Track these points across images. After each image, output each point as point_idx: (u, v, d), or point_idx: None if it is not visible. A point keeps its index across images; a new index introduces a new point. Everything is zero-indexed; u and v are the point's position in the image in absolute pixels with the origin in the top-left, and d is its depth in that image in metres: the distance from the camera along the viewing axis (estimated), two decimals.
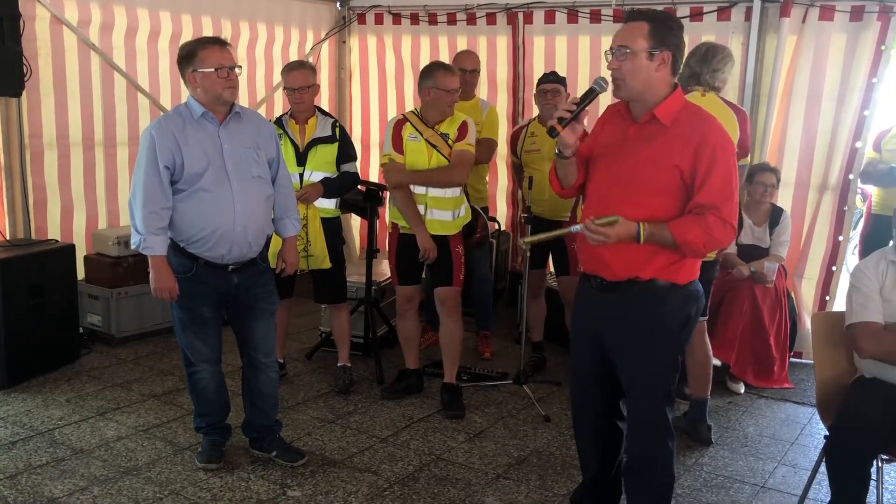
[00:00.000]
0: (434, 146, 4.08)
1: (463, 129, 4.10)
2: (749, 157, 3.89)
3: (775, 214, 4.80)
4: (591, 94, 2.62)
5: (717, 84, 3.86)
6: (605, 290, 2.73)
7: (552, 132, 2.64)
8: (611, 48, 2.60)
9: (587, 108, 2.65)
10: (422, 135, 4.08)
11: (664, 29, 2.55)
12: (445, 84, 4.03)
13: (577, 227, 2.62)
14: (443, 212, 4.12)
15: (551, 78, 4.63)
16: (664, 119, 2.58)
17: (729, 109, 3.81)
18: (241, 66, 3.29)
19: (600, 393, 2.89)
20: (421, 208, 4.11)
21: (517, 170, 4.93)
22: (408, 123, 4.13)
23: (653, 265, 2.63)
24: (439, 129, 4.10)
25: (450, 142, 4.08)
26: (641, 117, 2.64)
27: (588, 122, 3.65)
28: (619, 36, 2.58)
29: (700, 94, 3.79)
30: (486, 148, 4.93)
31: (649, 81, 2.57)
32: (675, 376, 2.77)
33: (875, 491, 2.93)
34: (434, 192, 4.10)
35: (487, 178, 5.29)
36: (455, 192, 4.15)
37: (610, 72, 2.62)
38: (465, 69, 4.97)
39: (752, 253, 4.75)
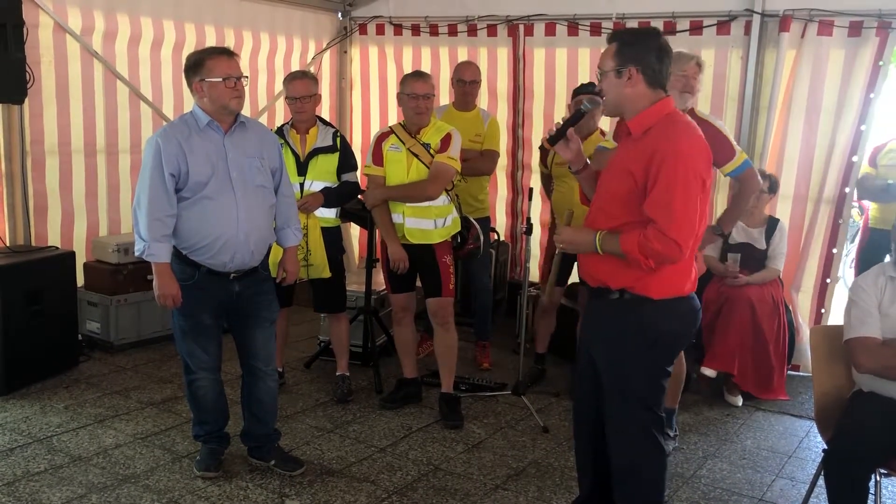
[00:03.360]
0: (415, 155, 4.07)
1: (446, 141, 4.07)
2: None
3: (771, 222, 4.82)
4: (577, 115, 2.79)
5: None
6: (590, 297, 2.85)
7: (541, 149, 2.79)
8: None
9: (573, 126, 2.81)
10: (404, 144, 4.09)
11: (627, 46, 2.64)
12: (411, 89, 4.05)
13: (557, 250, 2.89)
14: (421, 220, 4.10)
15: (590, 89, 4.58)
16: (634, 131, 2.68)
17: None
18: (247, 77, 3.32)
19: (595, 401, 2.91)
20: (399, 216, 4.11)
21: (546, 180, 4.90)
22: (392, 135, 4.14)
23: (621, 275, 2.68)
24: (421, 138, 4.10)
25: (432, 151, 4.07)
26: (623, 131, 2.77)
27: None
28: (599, 59, 2.74)
29: None
30: (490, 159, 4.94)
31: (621, 98, 2.67)
32: (656, 392, 2.76)
33: None
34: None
35: (488, 189, 5.31)
36: (438, 200, 4.11)
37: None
38: (464, 80, 4.98)
39: (746, 250, 4.75)
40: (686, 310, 2.75)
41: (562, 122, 2.74)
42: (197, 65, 3.21)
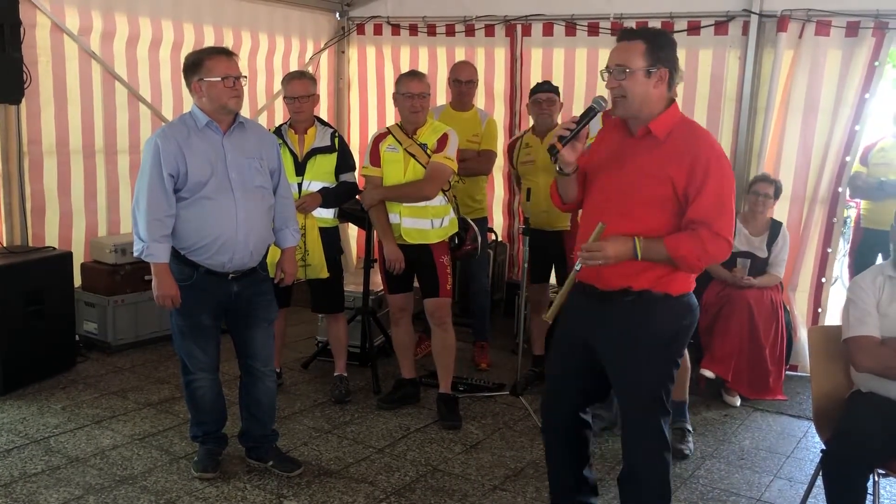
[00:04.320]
0: (412, 155, 4.07)
1: (442, 141, 4.07)
2: None
3: (774, 228, 4.81)
4: (590, 113, 2.67)
5: None
6: (599, 300, 2.75)
7: (552, 150, 2.68)
8: (607, 67, 2.64)
9: (588, 126, 2.70)
10: (401, 144, 4.09)
11: (660, 47, 2.60)
12: (406, 88, 4.06)
13: (577, 267, 2.66)
14: (418, 220, 4.10)
15: (545, 87, 4.64)
16: (659, 134, 2.63)
17: None
18: (246, 76, 3.32)
19: (570, 401, 2.93)
20: (396, 216, 4.11)
21: (516, 180, 4.95)
22: (389, 136, 4.15)
23: (646, 276, 2.65)
24: (418, 138, 4.09)
25: (429, 151, 4.06)
26: (637, 132, 2.69)
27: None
28: (615, 55, 2.63)
29: None
30: (487, 159, 4.94)
31: (647, 99, 2.61)
32: (670, 387, 2.77)
33: None
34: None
35: (486, 190, 5.31)
36: (435, 201, 4.10)
37: (608, 90, 2.67)
38: (461, 80, 4.99)
39: (748, 259, 4.75)
40: (692, 303, 2.77)
41: (574, 123, 2.66)
42: (195, 64, 3.21)
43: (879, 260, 5.19)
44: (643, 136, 2.67)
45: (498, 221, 6.24)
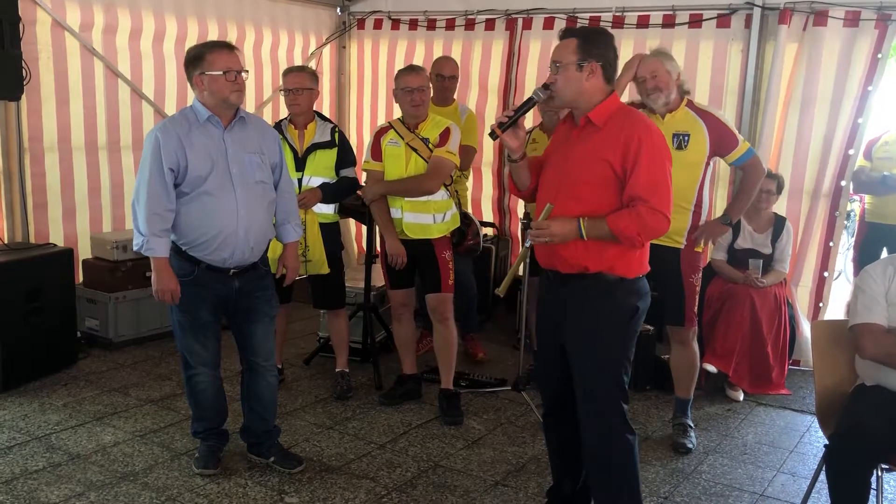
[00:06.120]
0: (414, 149, 4.07)
1: (445, 136, 4.07)
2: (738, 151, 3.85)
3: (778, 223, 4.78)
4: (529, 102, 2.86)
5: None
6: (561, 283, 2.89)
7: (492, 136, 2.86)
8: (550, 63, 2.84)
9: (525, 114, 2.87)
10: (403, 139, 4.09)
11: (590, 43, 2.79)
12: (405, 83, 4.06)
13: (527, 242, 2.84)
14: (420, 215, 4.09)
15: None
16: (597, 121, 2.81)
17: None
18: (248, 71, 3.31)
19: (563, 391, 2.99)
20: (397, 211, 4.11)
21: None
22: (391, 130, 4.14)
23: (602, 259, 2.79)
24: (420, 132, 4.09)
25: (430, 146, 4.06)
26: (580, 122, 2.87)
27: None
28: (553, 53, 2.84)
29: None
30: (464, 156, 4.89)
31: (580, 90, 2.79)
32: (628, 367, 2.87)
33: (875, 500, 2.92)
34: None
35: (468, 185, 5.30)
36: (437, 195, 4.10)
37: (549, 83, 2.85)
38: (443, 75, 4.97)
39: (753, 256, 4.73)
40: (646, 287, 2.91)
41: (513, 111, 2.83)
42: (197, 58, 3.20)
43: (884, 254, 5.18)
44: (585, 125, 2.84)
45: (488, 219, 6.21)
